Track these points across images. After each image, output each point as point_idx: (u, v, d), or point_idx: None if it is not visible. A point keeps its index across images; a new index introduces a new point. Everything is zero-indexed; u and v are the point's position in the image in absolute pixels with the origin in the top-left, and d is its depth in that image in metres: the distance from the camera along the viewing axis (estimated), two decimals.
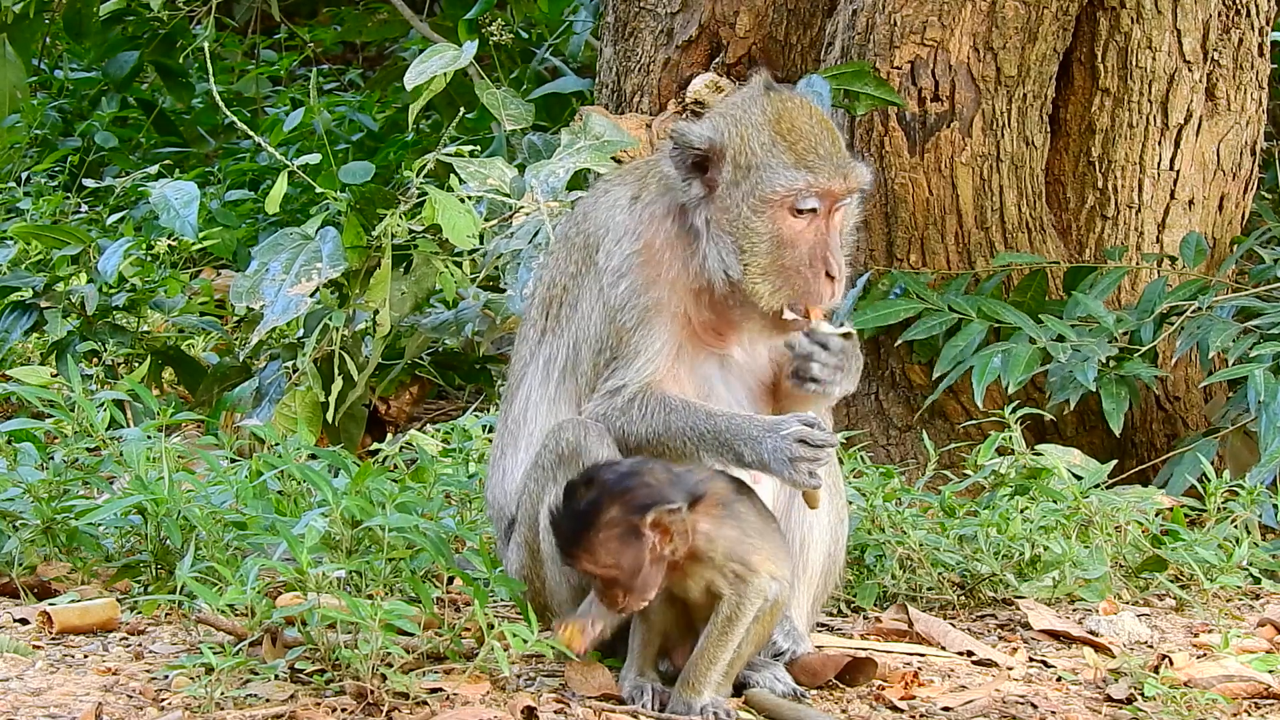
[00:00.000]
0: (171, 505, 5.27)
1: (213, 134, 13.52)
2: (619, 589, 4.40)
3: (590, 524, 4.36)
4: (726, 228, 4.64)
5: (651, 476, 4.43)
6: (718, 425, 4.56)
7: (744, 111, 4.69)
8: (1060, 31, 7.44)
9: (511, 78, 11.50)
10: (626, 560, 4.37)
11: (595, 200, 4.88)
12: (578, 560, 4.41)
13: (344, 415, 7.46)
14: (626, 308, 4.67)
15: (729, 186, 4.64)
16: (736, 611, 4.46)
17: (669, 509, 4.38)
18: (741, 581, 4.45)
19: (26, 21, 10.32)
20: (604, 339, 4.70)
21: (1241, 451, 6.98)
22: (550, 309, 4.87)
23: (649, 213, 4.74)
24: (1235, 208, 7.82)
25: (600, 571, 4.39)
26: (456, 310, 7.99)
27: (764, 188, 4.60)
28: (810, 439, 4.48)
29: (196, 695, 4.37)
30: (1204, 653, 5.22)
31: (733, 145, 4.64)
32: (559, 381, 4.82)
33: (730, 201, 4.64)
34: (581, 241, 4.83)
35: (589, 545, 4.37)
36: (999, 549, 5.76)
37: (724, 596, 4.46)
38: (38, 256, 9.16)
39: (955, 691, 4.80)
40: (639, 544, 4.37)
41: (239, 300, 7.15)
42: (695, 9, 8.07)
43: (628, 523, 4.36)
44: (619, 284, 4.69)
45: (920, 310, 7.27)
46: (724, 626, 4.46)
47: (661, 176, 4.76)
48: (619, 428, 4.64)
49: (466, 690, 4.48)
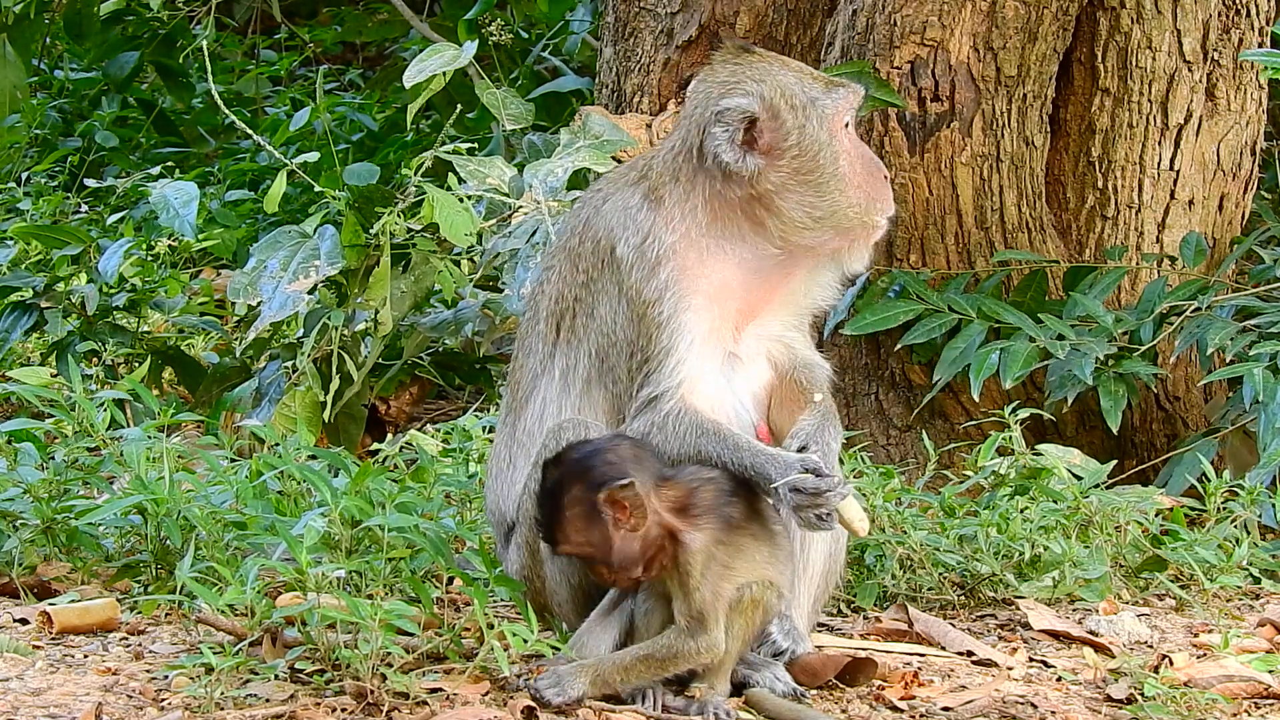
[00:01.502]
0: (171, 505, 5.27)
1: (213, 134, 13.52)
2: (601, 566, 4.47)
3: (558, 504, 4.44)
4: (797, 177, 4.70)
5: (614, 454, 4.47)
6: (743, 459, 4.57)
7: (753, 69, 4.76)
8: (1060, 31, 7.44)
9: (511, 77, 11.49)
10: (595, 538, 4.43)
11: (597, 208, 4.84)
12: (556, 543, 4.49)
13: (344, 415, 7.46)
14: (660, 304, 4.66)
15: (785, 138, 4.70)
16: (676, 651, 4.45)
17: (619, 484, 4.40)
18: (698, 624, 4.44)
19: (26, 21, 10.32)
20: (634, 341, 4.69)
21: (1241, 451, 6.98)
22: (563, 321, 4.84)
23: (677, 208, 4.73)
24: (1235, 208, 7.82)
25: (576, 550, 4.48)
26: (456, 310, 7.98)
27: (824, 114, 4.71)
28: (802, 487, 4.50)
29: (196, 695, 4.37)
30: (1204, 653, 5.22)
31: (774, 97, 4.71)
32: (583, 392, 4.81)
33: (793, 149, 4.70)
34: (591, 248, 4.79)
35: (560, 525, 4.45)
36: (999, 549, 5.76)
37: (676, 624, 4.46)
38: (38, 256, 9.16)
39: (955, 691, 4.80)
40: (601, 521, 4.42)
41: (236, 297, 7.15)
42: (695, 9, 8.07)
43: (587, 500, 4.42)
44: (649, 283, 4.67)
45: (920, 311, 7.26)
46: (654, 653, 4.45)
47: (677, 169, 4.74)
48: (655, 444, 4.64)
49: (466, 690, 4.48)
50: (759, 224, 4.72)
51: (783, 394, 4.83)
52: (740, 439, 4.64)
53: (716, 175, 4.71)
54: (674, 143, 4.81)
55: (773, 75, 4.74)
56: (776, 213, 4.71)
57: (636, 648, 4.50)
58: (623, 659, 4.47)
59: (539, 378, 4.87)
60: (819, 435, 4.69)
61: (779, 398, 4.84)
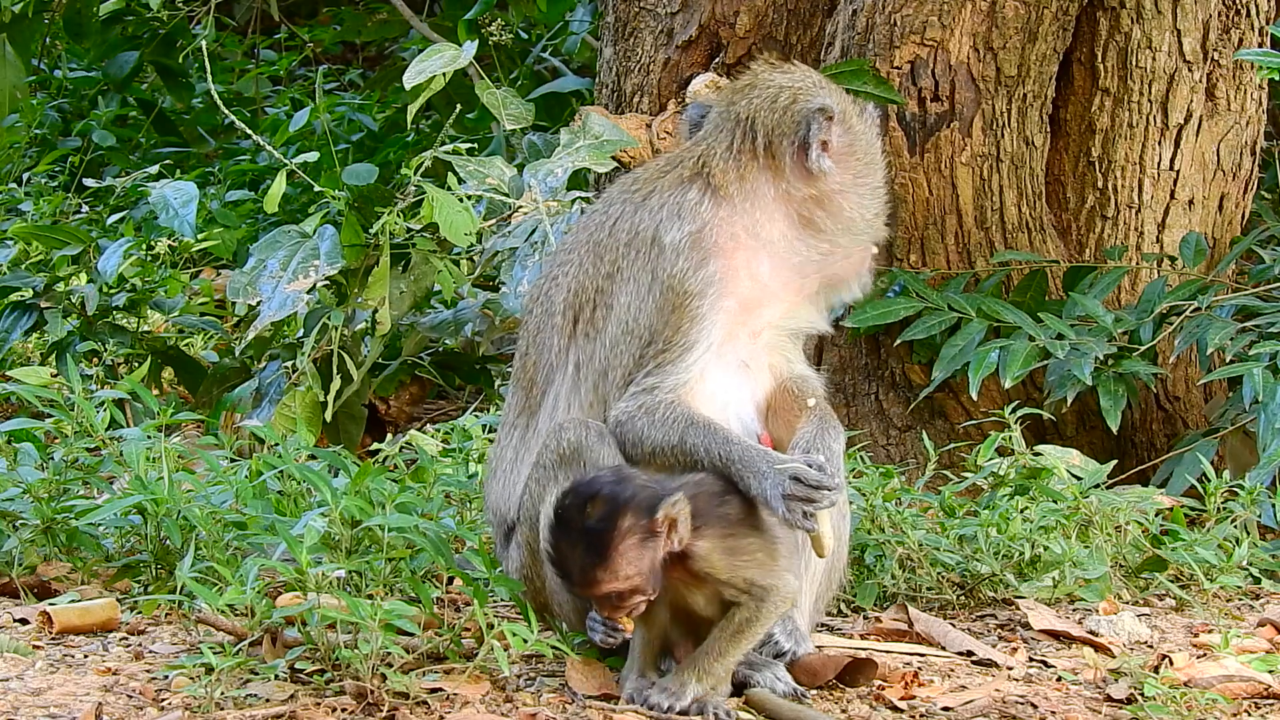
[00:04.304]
0: (171, 505, 5.27)
1: (213, 134, 13.52)
2: (634, 595, 4.39)
3: (608, 541, 4.34)
4: (858, 180, 4.90)
5: (640, 479, 4.45)
6: (731, 453, 4.59)
7: (809, 78, 4.95)
8: (1060, 31, 7.44)
9: (511, 78, 11.50)
10: (645, 565, 4.37)
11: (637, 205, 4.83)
12: (598, 584, 4.37)
13: (343, 415, 7.46)
14: (701, 297, 4.70)
15: (852, 143, 4.90)
16: (756, 616, 4.45)
17: (672, 501, 4.38)
18: (758, 587, 4.44)
19: (26, 21, 10.32)
20: (655, 329, 4.71)
21: (1241, 451, 6.98)
22: (581, 314, 4.84)
23: (741, 204, 4.80)
24: (1235, 208, 7.82)
25: (624, 586, 4.37)
26: (455, 310, 7.99)
27: (875, 127, 5.01)
28: (804, 478, 4.51)
29: (196, 695, 4.37)
30: (1204, 653, 5.22)
31: (844, 104, 4.92)
32: (594, 386, 4.81)
33: (859, 154, 4.91)
34: (625, 239, 4.79)
35: (609, 563, 4.34)
36: (999, 549, 5.76)
37: (742, 603, 4.45)
38: (38, 256, 9.15)
39: (955, 691, 4.80)
40: (655, 545, 4.37)
41: (236, 296, 7.15)
42: (695, 9, 8.07)
43: (642, 526, 4.35)
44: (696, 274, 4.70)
45: (920, 309, 7.27)
46: (740, 627, 4.45)
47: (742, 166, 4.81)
48: (637, 428, 4.63)
49: (466, 690, 4.48)
50: (811, 224, 4.84)
51: (777, 403, 4.85)
52: (732, 434, 4.64)
53: (784, 173, 4.81)
54: (732, 142, 4.85)
55: (829, 85, 4.94)
56: (835, 212, 4.85)
57: (715, 633, 4.47)
58: (711, 649, 4.46)
59: (554, 372, 4.87)
60: (820, 440, 4.70)
61: (775, 406, 4.86)
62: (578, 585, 4.43)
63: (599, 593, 4.39)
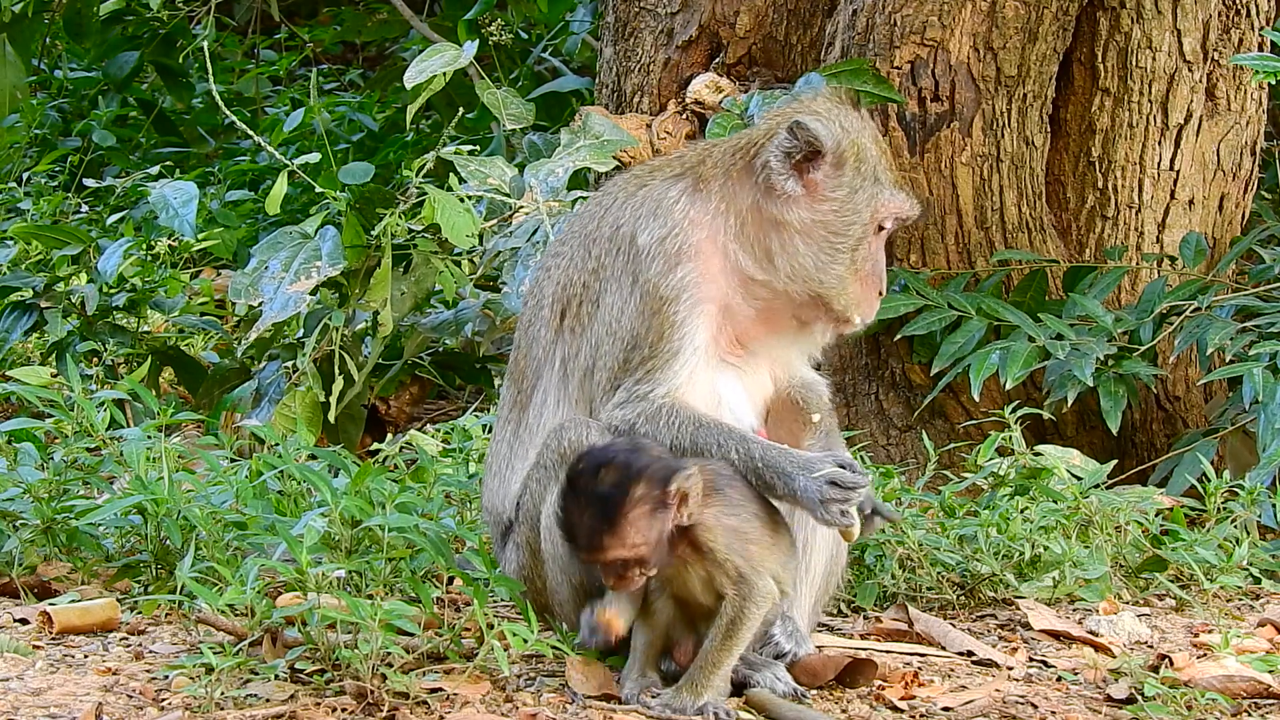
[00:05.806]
0: (171, 505, 5.27)
1: (213, 134, 13.52)
2: (639, 566, 4.40)
3: (619, 507, 4.35)
4: (822, 229, 4.72)
5: (653, 450, 4.45)
6: (752, 451, 4.57)
7: (849, 120, 4.78)
8: (1060, 31, 7.44)
9: (511, 78, 11.50)
10: (653, 535, 4.38)
11: (628, 195, 4.82)
12: (604, 550, 4.38)
13: (343, 415, 7.46)
14: (676, 303, 4.66)
15: (834, 189, 4.73)
16: (740, 614, 4.46)
17: (686, 474, 4.39)
18: (744, 583, 4.45)
19: (26, 21, 10.32)
20: (639, 335, 4.67)
21: (1241, 451, 6.98)
22: (568, 308, 4.83)
23: (717, 202, 4.74)
24: (1235, 208, 7.82)
25: (629, 554, 4.38)
26: (456, 310, 7.99)
27: (877, 199, 4.75)
28: (842, 480, 4.50)
29: (196, 695, 4.37)
30: (1204, 653, 5.22)
31: (851, 153, 4.73)
32: (581, 382, 4.80)
33: (833, 203, 4.73)
34: (609, 234, 4.77)
35: (616, 530, 4.35)
36: (999, 549, 5.76)
37: (727, 598, 4.46)
38: (38, 256, 9.16)
39: (955, 691, 4.80)
40: (665, 515, 4.38)
41: (237, 297, 7.15)
42: (695, 9, 8.07)
43: (654, 497, 4.36)
44: (667, 278, 4.66)
45: (920, 306, 7.27)
46: (728, 630, 4.46)
47: (730, 165, 4.76)
48: (641, 435, 4.62)
49: (466, 690, 4.48)
50: (769, 256, 4.72)
51: (779, 412, 4.84)
52: (747, 434, 4.64)
53: (760, 184, 4.73)
54: (737, 142, 4.83)
55: (860, 134, 4.78)
56: (791, 251, 4.71)
57: (706, 643, 4.48)
58: (705, 658, 4.46)
59: (543, 366, 4.86)
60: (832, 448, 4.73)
61: (775, 415, 4.85)
62: (583, 550, 4.43)
63: (604, 559, 4.40)
